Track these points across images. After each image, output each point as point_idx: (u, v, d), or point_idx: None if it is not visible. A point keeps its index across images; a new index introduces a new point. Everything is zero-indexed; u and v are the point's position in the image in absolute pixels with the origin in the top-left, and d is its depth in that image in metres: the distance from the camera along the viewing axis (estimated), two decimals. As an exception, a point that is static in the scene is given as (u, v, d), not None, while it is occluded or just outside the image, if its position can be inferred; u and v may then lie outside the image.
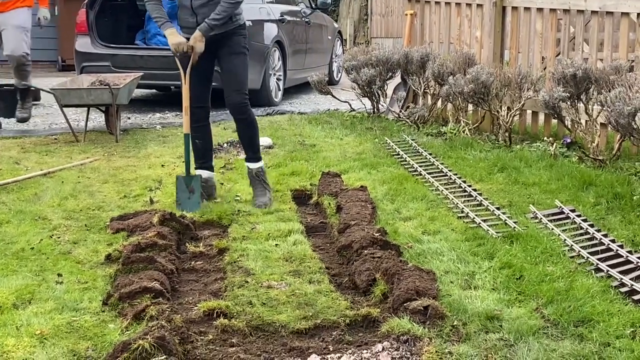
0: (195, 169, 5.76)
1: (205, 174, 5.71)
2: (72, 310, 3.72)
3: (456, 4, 8.74)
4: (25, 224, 5.04)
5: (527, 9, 7.86)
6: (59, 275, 4.16)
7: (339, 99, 9.59)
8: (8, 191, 5.79)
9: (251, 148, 5.78)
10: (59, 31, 15.10)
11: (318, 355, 3.31)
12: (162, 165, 6.71)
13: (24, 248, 4.59)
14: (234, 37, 5.56)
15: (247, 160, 5.80)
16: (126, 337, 3.38)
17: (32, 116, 9.39)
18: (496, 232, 4.77)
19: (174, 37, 5.48)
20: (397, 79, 9.21)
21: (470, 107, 7.93)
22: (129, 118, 9.36)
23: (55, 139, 7.90)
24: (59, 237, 4.82)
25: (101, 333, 3.50)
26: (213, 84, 5.74)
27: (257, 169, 5.74)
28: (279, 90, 10.62)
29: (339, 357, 3.28)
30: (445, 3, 8.92)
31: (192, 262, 4.54)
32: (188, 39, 5.48)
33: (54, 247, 4.63)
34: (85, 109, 8.11)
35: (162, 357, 3.13)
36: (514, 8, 8.03)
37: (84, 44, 9.72)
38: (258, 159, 5.78)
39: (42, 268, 4.28)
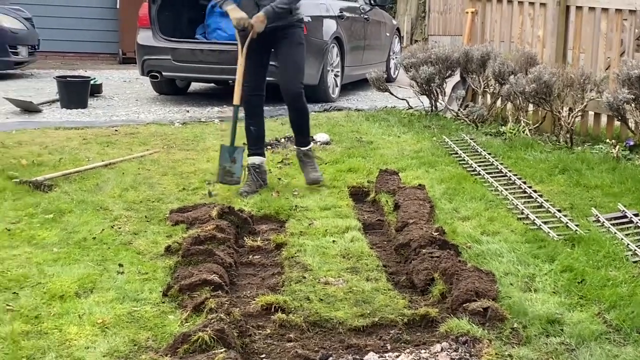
0: (249, 155, 5.95)
1: (258, 159, 5.95)
2: (133, 300, 3.78)
3: (519, 2, 8.63)
4: (87, 213, 5.12)
5: (591, 8, 7.72)
6: (120, 265, 4.23)
7: (396, 97, 9.54)
8: (70, 181, 5.89)
9: (303, 134, 6.05)
10: (120, 24, 15.32)
11: (376, 353, 3.30)
12: (221, 159, 6.75)
13: (86, 238, 4.67)
14: (292, 29, 5.81)
15: (298, 144, 6.06)
16: (186, 328, 3.41)
17: (94, 108, 9.56)
18: (557, 235, 4.69)
19: (235, 12, 5.72)
20: (456, 77, 9.13)
21: (531, 107, 7.82)
22: (188, 111, 9.45)
23: (116, 130, 8.01)
24: (119, 228, 4.89)
25: (161, 324, 3.54)
26: (269, 78, 5.96)
27: (308, 149, 6.05)
28: (337, 86, 10.60)
29: (397, 356, 3.27)
30: (508, 1, 8.81)
31: (250, 256, 4.57)
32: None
33: (115, 238, 4.70)
34: (145, 102, 8.19)
35: (221, 350, 3.15)
36: (578, 7, 7.89)
37: (145, 37, 9.82)
38: (308, 143, 6.08)
39: (103, 258, 4.35)
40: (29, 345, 3.30)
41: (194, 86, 11.47)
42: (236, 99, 5.79)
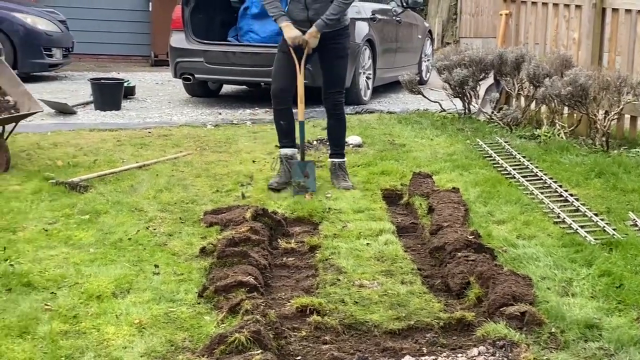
0: (280, 147, 6.14)
1: (290, 151, 6.11)
2: (169, 301, 3.80)
3: (553, 4, 8.55)
4: (123, 215, 5.16)
5: (628, 10, 7.63)
6: (156, 266, 4.25)
7: (429, 99, 9.50)
8: (105, 182, 5.94)
9: (339, 144, 6.21)
10: (152, 27, 15.43)
11: (412, 356, 3.29)
12: (253, 161, 6.77)
13: (122, 238, 4.71)
14: (340, 39, 5.95)
15: (333, 156, 6.19)
16: (222, 329, 3.42)
17: (127, 110, 9.63)
18: (594, 239, 4.64)
19: (290, 30, 5.81)
20: (489, 80, 9.06)
21: (566, 110, 7.74)
22: (220, 113, 9.48)
23: (149, 132, 8.06)
24: (154, 229, 4.92)
25: (197, 325, 3.56)
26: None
27: (342, 162, 6.19)
28: (368, 89, 10.58)
29: (434, 360, 3.25)
30: (542, 3, 8.74)
31: (284, 258, 4.57)
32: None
33: (150, 239, 4.73)
34: (178, 105, 8.24)
35: (258, 352, 3.15)
36: (614, 10, 7.80)
37: (178, 40, 9.87)
38: (343, 155, 6.24)
39: (139, 258, 4.38)
40: (68, 345, 3.33)
41: (226, 88, 11.52)
42: (300, 116, 5.97)
